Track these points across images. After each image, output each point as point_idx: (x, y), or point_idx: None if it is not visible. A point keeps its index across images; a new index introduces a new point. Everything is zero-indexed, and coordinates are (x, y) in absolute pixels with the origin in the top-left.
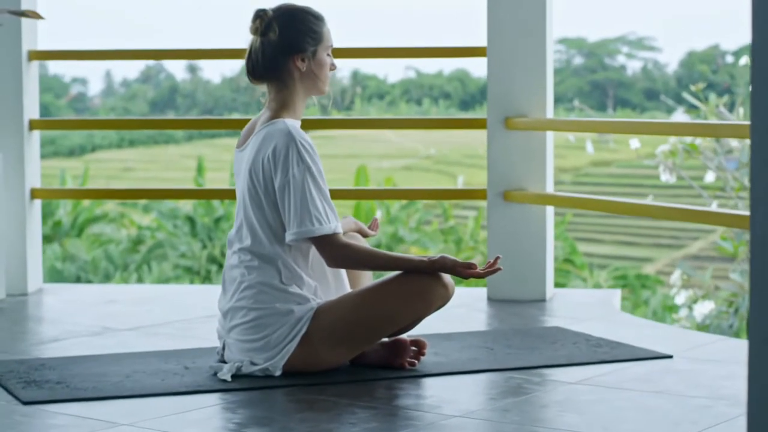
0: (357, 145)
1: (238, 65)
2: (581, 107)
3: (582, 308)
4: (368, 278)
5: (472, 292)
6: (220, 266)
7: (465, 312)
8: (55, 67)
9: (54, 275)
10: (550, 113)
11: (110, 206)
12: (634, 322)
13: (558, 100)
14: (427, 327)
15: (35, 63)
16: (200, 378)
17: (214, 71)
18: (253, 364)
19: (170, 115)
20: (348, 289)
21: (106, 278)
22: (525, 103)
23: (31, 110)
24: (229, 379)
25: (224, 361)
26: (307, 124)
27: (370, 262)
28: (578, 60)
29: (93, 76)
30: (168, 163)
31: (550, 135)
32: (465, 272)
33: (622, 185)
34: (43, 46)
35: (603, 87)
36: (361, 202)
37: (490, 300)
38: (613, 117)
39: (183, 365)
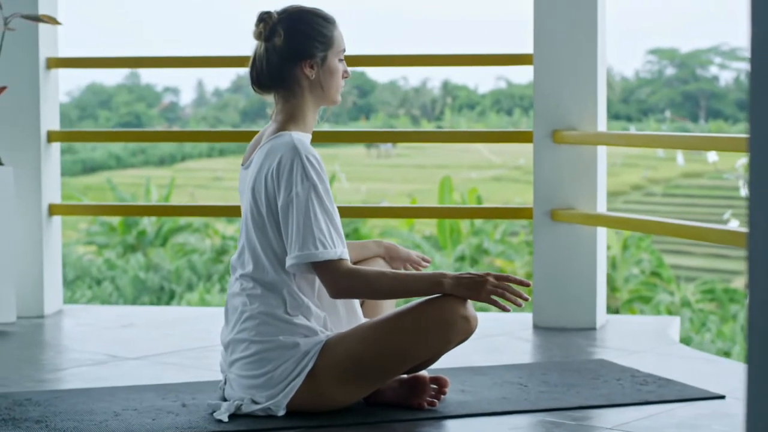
0: (446, 156)
1: None
2: (673, 118)
3: (635, 338)
4: (386, 308)
5: (517, 318)
6: None
7: (505, 341)
8: (147, 76)
9: (137, 285)
10: (601, 126)
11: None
12: (689, 354)
13: (650, 110)
14: (458, 358)
15: (55, 71)
16: (196, 418)
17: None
18: (254, 402)
19: (261, 125)
20: (361, 320)
21: (189, 288)
22: (574, 115)
23: (50, 121)
24: (226, 419)
25: (225, 399)
26: (327, 137)
27: (377, 292)
28: (670, 71)
29: (185, 85)
30: None
31: (602, 150)
32: (484, 295)
33: (711, 197)
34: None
35: (695, 98)
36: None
37: (536, 328)
38: (705, 128)
39: (181, 402)
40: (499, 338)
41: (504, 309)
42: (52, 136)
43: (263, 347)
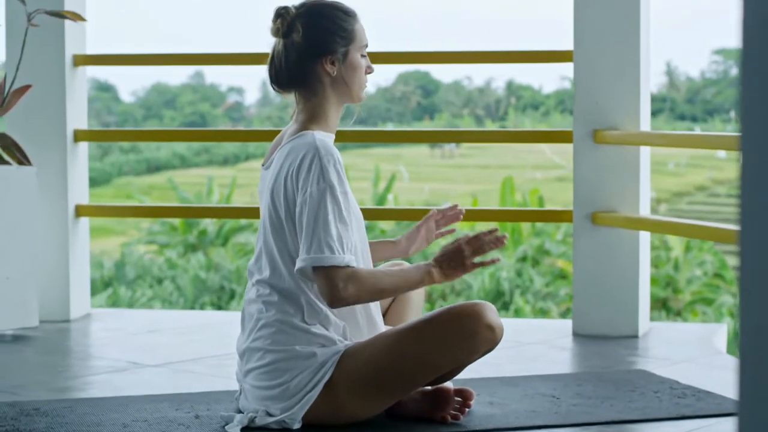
0: (510, 156)
1: (392, 74)
2: (738, 119)
3: (678, 347)
4: (410, 316)
5: (556, 325)
6: None
7: (543, 350)
8: (211, 76)
9: (197, 284)
10: (645, 125)
11: (256, 215)
12: (733, 365)
13: (715, 111)
14: (490, 368)
15: (82, 69)
16: (207, 431)
17: (369, 81)
18: (268, 414)
19: None
20: (381, 329)
21: None
22: (616, 114)
23: (77, 120)
24: None
25: (240, 410)
26: (357, 137)
27: (382, 292)
28: (736, 71)
29: (249, 85)
30: None
31: (645, 150)
32: (468, 264)
33: None
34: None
35: None
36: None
37: (576, 335)
38: None
39: (195, 413)
40: (535, 347)
41: (494, 261)
42: (78, 136)
43: (279, 357)
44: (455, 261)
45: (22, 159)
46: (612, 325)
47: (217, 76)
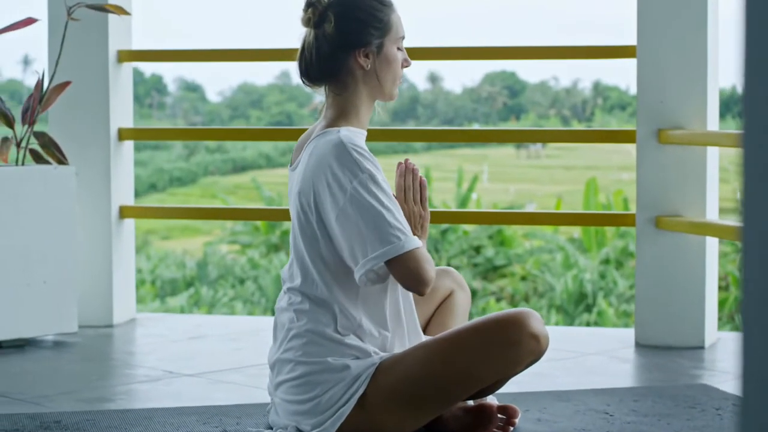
0: (595, 157)
1: (478, 75)
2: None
3: None
4: (453, 324)
5: (618, 334)
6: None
7: (602, 361)
8: (298, 76)
9: (279, 284)
10: (712, 125)
11: None
12: None
13: None
14: (543, 380)
15: (127, 65)
16: None
17: (455, 81)
18: (299, 430)
19: (410, 125)
20: (422, 337)
21: None
22: (681, 112)
23: (122, 118)
24: None
25: (270, 425)
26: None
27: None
28: None
29: None
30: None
31: (713, 151)
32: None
33: None
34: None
35: None
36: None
37: (638, 346)
38: None
39: (223, 428)
40: (594, 357)
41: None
42: (123, 134)
43: (310, 369)
44: (414, 221)
45: (62, 158)
46: (676, 335)
47: None
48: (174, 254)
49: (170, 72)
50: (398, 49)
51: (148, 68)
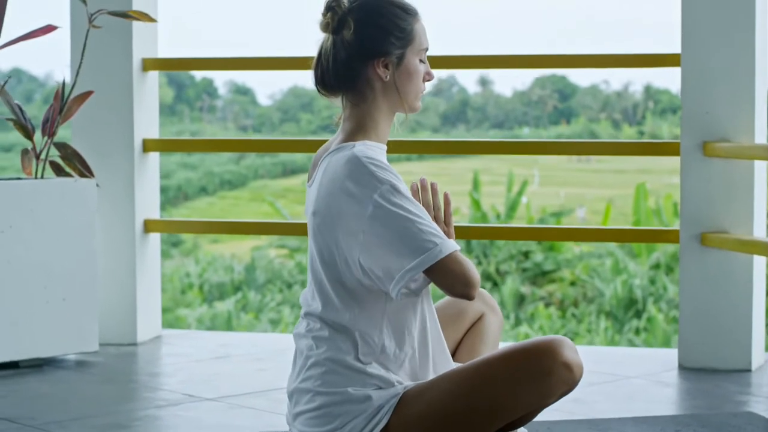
0: (646, 161)
1: (529, 78)
2: None
3: None
4: (484, 351)
5: (661, 355)
6: (495, 284)
7: (643, 385)
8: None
9: None
10: (760, 137)
11: None
12: None
13: None
14: (581, 407)
15: (153, 74)
16: None
17: (506, 85)
18: None
19: (461, 129)
20: (451, 364)
21: None
22: (728, 124)
23: (147, 128)
24: None
25: None
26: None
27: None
28: None
29: None
30: (455, 177)
31: (761, 165)
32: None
33: None
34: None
35: None
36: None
37: (682, 368)
38: None
39: None
40: (636, 381)
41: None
42: (148, 145)
43: (330, 400)
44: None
45: (84, 170)
46: (722, 357)
47: None
48: (222, 258)
49: (221, 76)
50: (420, 61)
51: (199, 72)
